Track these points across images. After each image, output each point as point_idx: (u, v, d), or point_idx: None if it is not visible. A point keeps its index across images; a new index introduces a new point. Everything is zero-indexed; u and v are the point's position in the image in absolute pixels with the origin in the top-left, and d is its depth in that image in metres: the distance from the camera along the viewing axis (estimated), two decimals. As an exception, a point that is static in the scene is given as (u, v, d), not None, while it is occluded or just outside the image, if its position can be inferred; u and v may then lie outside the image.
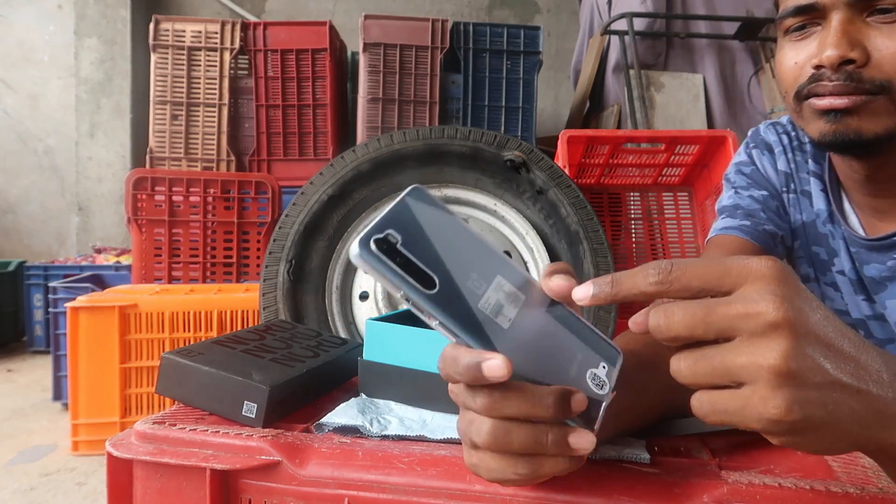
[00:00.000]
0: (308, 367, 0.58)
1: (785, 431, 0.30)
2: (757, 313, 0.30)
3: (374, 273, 0.31)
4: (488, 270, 0.33)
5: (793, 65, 0.63)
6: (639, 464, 0.43)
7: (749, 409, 0.30)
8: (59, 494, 1.48)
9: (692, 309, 0.31)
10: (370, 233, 0.31)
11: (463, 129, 1.33)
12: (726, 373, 0.30)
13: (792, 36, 0.63)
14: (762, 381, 0.29)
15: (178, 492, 0.45)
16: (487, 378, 0.32)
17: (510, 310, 0.34)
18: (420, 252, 0.31)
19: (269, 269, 1.24)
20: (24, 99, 3.74)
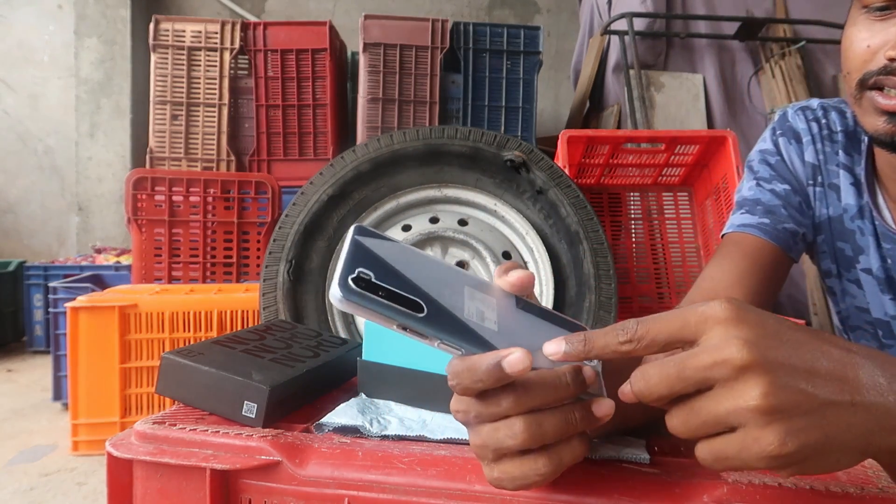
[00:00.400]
0: (308, 367, 0.58)
1: (788, 464, 0.31)
2: (724, 360, 0.30)
3: (363, 311, 0.31)
4: (455, 284, 0.34)
5: (865, 47, 0.57)
6: (639, 464, 0.43)
7: (746, 451, 0.30)
8: (58, 494, 1.48)
9: (665, 369, 0.32)
10: (344, 275, 0.31)
11: (463, 129, 1.33)
12: (716, 422, 0.31)
13: (872, 14, 0.57)
14: (751, 423, 0.30)
15: (178, 492, 0.45)
16: (510, 374, 0.32)
17: (490, 313, 0.35)
18: (395, 282, 0.32)
19: (269, 269, 1.24)
20: (24, 99, 3.74)
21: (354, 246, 0.32)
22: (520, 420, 0.34)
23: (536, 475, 0.35)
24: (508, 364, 0.32)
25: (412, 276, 0.33)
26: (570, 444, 0.35)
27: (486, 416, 0.35)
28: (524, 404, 0.34)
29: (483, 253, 1.31)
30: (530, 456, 0.35)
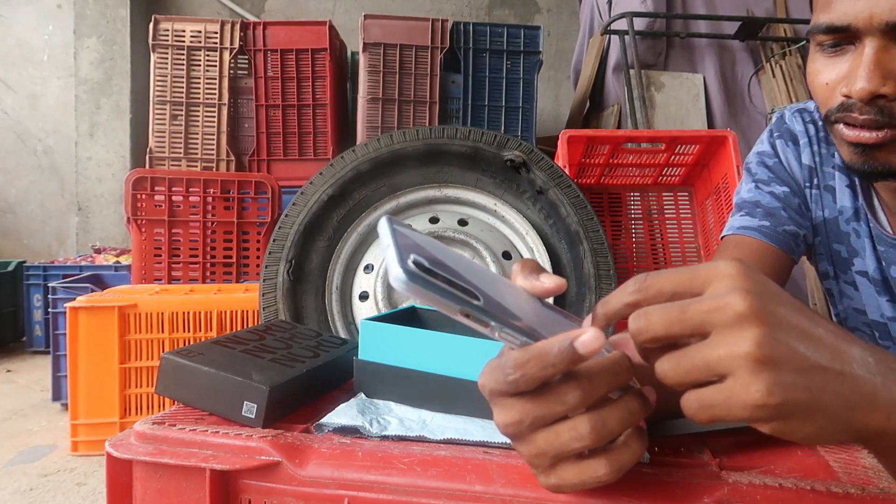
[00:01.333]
0: (308, 367, 0.58)
1: (771, 416, 0.31)
2: (726, 305, 0.31)
3: (428, 295, 0.30)
4: (490, 278, 0.34)
5: (824, 84, 0.60)
6: (639, 464, 0.43)
7: (733, 398, 0.31)
8: (58, 495, 1.48)
9: (667, 309, 0.32)
10: (402, 259, 0.29)
11: (463, 129, 1.33)
12: (707, 367, 0.31)
13: (825, 51, 0.59)
14: (741, 370, 0.30)
15: (177, 492, 0.45)
16: (585, 354, 0.32)
17: (526, 307, 0.34)
18: (446, 270, 0.31)
19: (268, 269, 1.24)
20: (23, 99, 3.74)
21: (396, 234, 0.31)
22: (585, 419, 0.34)
23: (597, 478, 0.35)
24: (582, 344, 0.32)
25: (456, 267, 0.32)
26: (628, 442, 0.36)
27: (547, 417, 0.34)
28: (591, 395, 0.33)
29: (483, 253, 1.31)
30: (591, 459, 0.35)
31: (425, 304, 0.30)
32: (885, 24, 0.53)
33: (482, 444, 0.46)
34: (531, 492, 0.40)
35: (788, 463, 0.44)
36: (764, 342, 0.30)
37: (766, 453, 0.46)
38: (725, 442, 0.48)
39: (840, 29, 0.56)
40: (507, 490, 0.41)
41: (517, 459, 0.43)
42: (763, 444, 0.48)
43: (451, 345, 0.53)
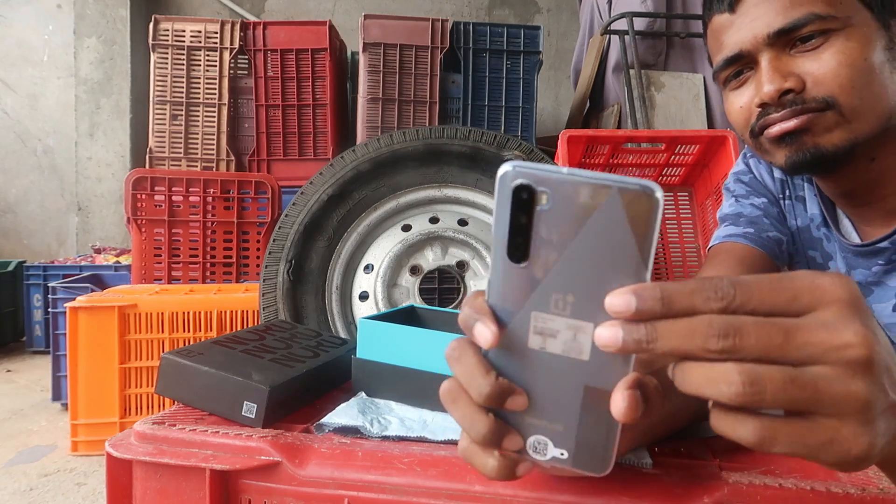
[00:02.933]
0: (308, 367, 0.58)
1: (862, 466, 0.29)
2: (844, 345, 0.28)
3: (498, 204, 0.29)
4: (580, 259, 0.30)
5: (738, 109, 0.66)
6: (639, 464, 0.43)
7: (836, 444, 0.28)
8: (58, 495, 1.47)
9: (768, 330, 0.28)
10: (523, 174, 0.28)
11: (463, 129, 1.33)
12: (816, 398, 0.28)
13: (731, 85, 0.67)
14: (854, 417, 0.28)
15: (177, 492, 0.45)
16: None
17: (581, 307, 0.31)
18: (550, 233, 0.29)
19: (268, 269, 1.24)
20: (23, 99, 3.74)
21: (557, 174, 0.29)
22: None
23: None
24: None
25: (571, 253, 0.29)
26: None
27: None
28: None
29: (483, 253, 1.31)
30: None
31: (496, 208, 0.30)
32: (767, 36, 0.60)
33: (482, 444, 0.46)
34: (531, 492, 0.40)
35: (788, 463, 0.44)
36: (876, 391, 0.28)
37: (766, 454, 0.46)
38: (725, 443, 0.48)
39: (735, 58, 0.64)
40: (507, 490, 0.41)
41: (517, 459, 0.43)
42: (763, 444, 0.48)
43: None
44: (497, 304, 0.31)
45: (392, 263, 1.29)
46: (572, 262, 0.29)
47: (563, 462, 0.32)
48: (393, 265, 1.30)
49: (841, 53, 0.58)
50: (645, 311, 0.28)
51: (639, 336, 0.28)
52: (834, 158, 0.62)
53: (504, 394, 0.31)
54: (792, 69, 0.60)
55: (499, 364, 0.32)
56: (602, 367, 0.30)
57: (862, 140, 0.61)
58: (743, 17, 0.62)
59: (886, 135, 0.63)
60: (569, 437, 0.31)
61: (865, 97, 0.59)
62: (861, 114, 0.60)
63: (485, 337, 0.31)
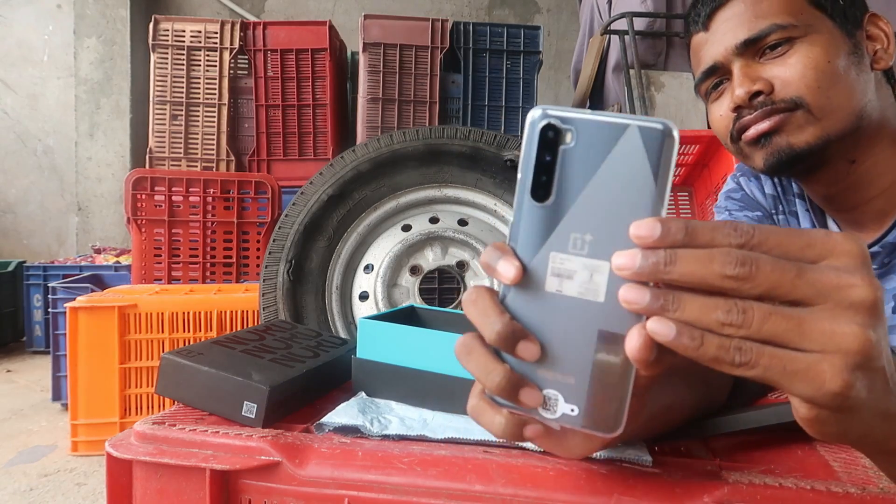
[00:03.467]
0: (308, 367, 0.58)
1: (833, 406, 0.30)
2: (850, 285, 0.29)
3: (525, 145, 0.31)
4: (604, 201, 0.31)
5: (718, 117, 0.71)
6: (639, 463, 0.43)
7: (813, 375, 0.29)
8: (58, 495, 1.48)
9: (781, 265, 0.29)
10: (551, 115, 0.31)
11: (463, 129, 1.33)
12: (801, 333, 0.29)
13: (712, 97, 0.72)
14: (839, 354, 0.29)
15: (177, 492, 0.45)
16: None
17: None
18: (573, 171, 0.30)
19: (268, 269, 1.24)
20: (23, 99, 3.74)
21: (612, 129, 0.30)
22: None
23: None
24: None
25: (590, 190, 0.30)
26: None
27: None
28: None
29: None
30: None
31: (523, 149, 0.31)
32: (736, 46, 0.66)
33: (483, 443, 0.46)
34: (531, 491, 0.40)
35: (788, 462, 0.44)
36: (871, 336, 0.29)
37: (766, 453, 0.46)
38: (726, 442, 0.48)
39: (711, 70, 0.70)
40: (507, 489, 0.41)
41: (517, 459, 0.43)
42: (763, 444, 0.48)
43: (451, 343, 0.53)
44: (517, 247, 0.32)
45: (392, 263, 1.30)
46: (592, 200, 0.30)
47: (573, 420, 0.32)
48: (393, 265, 1.30)
49: (806, 57, 0.64)
50: (668, 238, 0.29)
51: (657, 259, 0.29)
52: (808, 156, 0.65)
53: (516, 336, 0.32)
54: (761, 74, 0.66)
55: (514, 310, 0.32)
56: (617, 309, 0.30)
57: (835, 138, 0.64)
58: (714, 33, 0.69)
59: (862, 136, 0.66)
60: (580, 390, 0.31)
61: (832, 96, 0.63)
62: (830, 112, 0.63)
63: (508, 272, 0.31)
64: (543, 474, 0.41)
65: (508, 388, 0.32)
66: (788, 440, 0.48)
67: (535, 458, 0.43)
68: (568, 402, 0.32)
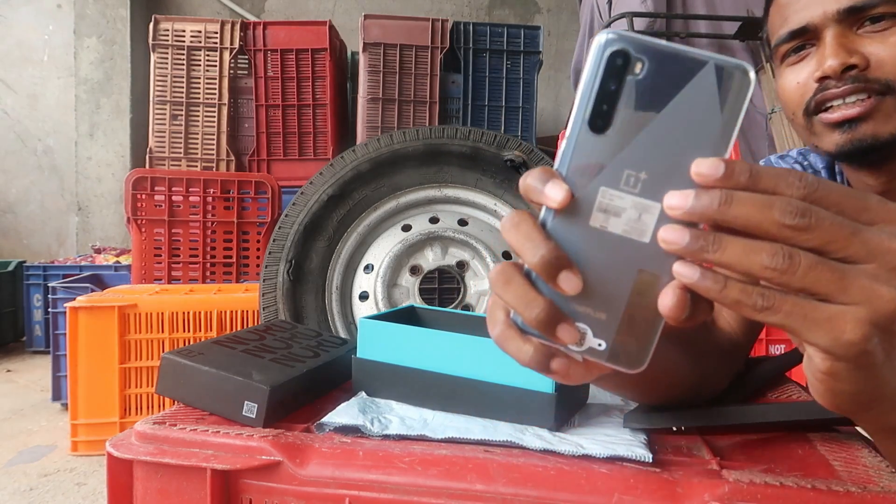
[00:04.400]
0: (308, 367, 0.58)
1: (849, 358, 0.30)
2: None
3: (589, 69, 0.29)
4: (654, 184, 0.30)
5: (795, 84, 0.64)
6: (640, 462, 0.43)
7: (834, 324, 0.29)
8: (58, 495, 1.47)
9: (841, 221, 0.29)
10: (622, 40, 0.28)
11: (463, 129, 1.33)
12: (842, 288, 0.29)
13: (790, 60, 0.65)
14: (866, 308, 0.29)
15: (178, 492, 0.45)
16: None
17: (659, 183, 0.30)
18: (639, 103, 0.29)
19: (269, 269, 1.24)
20: (23, 99, 3.74)
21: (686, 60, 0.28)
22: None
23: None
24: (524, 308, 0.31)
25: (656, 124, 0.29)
26: None
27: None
28: None
29: (483, 253, 1.31)
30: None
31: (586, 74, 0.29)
32: (837, 12, 0.60)
33: (483, 442, 0.46)
34: (532, 490, 0.40)
35: (789, 461, 0.44)
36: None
37: (767, 452, 0.46)
38: (726, 441, 0.48)
39: (800, 31, 0.63)
40: (507, 489, 0.41)
41: (518, 458, 0.43)
42: (764, 444, 0.48)
43: (451, 343, 0.53)
44: (568, 174, 0.30)
45: (392, 263, 1.30)
46: (654, 137, 0.29)
47: (598, 355, 0.31)
48: (393, 265, 1.30)
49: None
50: (731, 179, 0.29)
51: (713, 199, 0.28)
52: (886, 148, 0.61)
53: (560, 264, 0.30)
54: (857, 47, 0.60)
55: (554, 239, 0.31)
56: (660, 252, 0.29)
57: None
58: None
59: None
60: (610, 327, 0.31)
61: None
62: None
63: (556, 195, 0.30)
64: (544, 473, 0.41)
65: (546, 322, 0.31)
66: (789, 440, 0.48)
67: (535, 457, 0.43)
68: (596, 337, 0.31)
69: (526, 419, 0.50)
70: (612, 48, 0.29)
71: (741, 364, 0.66)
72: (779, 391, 0.63)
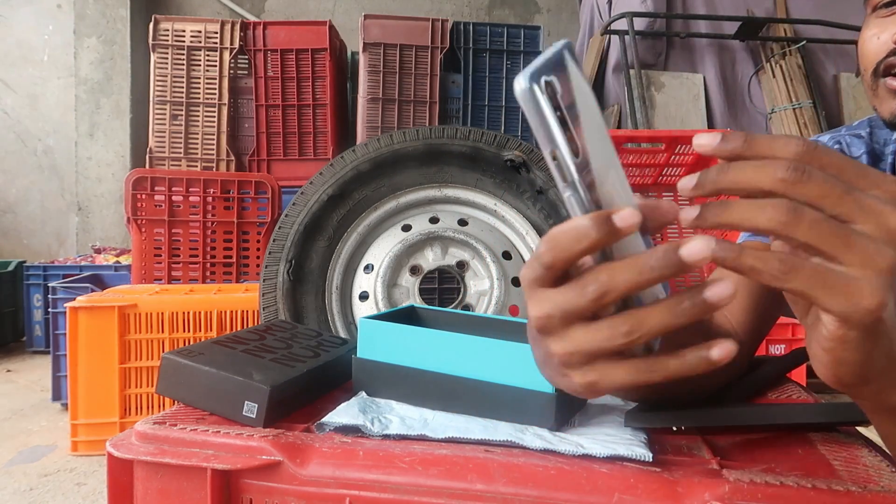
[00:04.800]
0: (308, 367, 0.58)
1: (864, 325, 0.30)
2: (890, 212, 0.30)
3: (535, 116, 0.29)
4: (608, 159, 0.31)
5: (875, 40, 0.62)
6: (641, 462, 0.43)
7: (853, 290, 0.29)
8: (58, 495, 1.47)
9: (832, 180, 0.30)
10: (537, 72, 0.29)
11: (463, 128, 1.33)
12: (847, 245, 0.29)
13: (879, 13, 0.62)
14: (878, 272, 0.29)
15: (179, 492, 0.45)
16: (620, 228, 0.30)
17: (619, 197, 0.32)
18: (570, 113, 0.30)
19: (268, 269, 1.24)
20: (23, 99, 3.74)
21: (558, 57, 0.30)
22: (620, 318, 0.31)
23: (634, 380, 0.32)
24: (620, 218, 0.30)
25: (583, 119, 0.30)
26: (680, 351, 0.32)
27: (580, 310, 0.31)
28: (626, 285, 0.31)
29: (483, 253, 1.31)
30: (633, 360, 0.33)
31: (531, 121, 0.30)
32: None
33: (483, 442, 0.46)
34: (532, 490, 0.40)
35: (789, 461, 0.44)
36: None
37: (767, 452, 0.46)
38: (726, 440, 0.48)
39: None
40: (508, 489, 0.41)
41: (518, 458, 0.43)
42: (764, 443, 0.48)
43: (451, 343, 0.53)
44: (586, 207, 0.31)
45: (392, 263, 1.30)
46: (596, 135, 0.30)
47: None
48: (393, 265, 1.30)
49: None
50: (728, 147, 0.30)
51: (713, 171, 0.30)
52: None
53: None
54: None
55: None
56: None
57: None
58: None
59: None
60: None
61: None
62: None
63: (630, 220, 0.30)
64: (544, 473, 0.41)
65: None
66: (789, 439, 0.48)
67: (536, 457, 0.43)
68: None
69: (526, 419, 0.50)
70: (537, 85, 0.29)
71: (744, 364, 0.66)
72: (779, 391, 0.63)
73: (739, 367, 0.64)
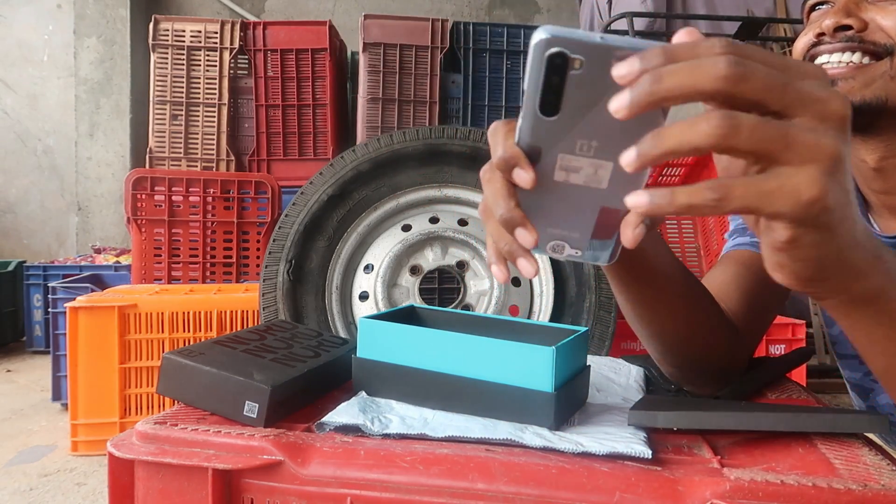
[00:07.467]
0: (309, 366, 0.58)
1: (811, 219, 0.31)
2: (827, 98, 0.30)
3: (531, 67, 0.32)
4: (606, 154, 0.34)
5: (804, 38, 0.67)
6: (641, 460, 0.43)
7: (790, 188, 0.30)
8: (58, 495, 1.48)
9: (773, 73, 0.30)
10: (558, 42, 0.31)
11: (463, 129, 1.33)
12: (788, 145, 0.29)
13: (811, 17, 0.68)
14: (815, 163, 0.30)
15: (179, 492, 0.45)
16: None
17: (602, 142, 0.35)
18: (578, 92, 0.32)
19: (269, 269, 1.24)
20: (23, 99, 3.74)
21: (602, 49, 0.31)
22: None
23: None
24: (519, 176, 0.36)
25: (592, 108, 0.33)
26: None
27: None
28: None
29: (483, 253, 1.31)
30: None
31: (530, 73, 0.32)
32: None
33: (484, 441, 0.47)
34: (533, 489, 0.41)
35: (789, 460, 0.44)
36: (843, 151, 0.30)
37: (768, 450, 0.46)
38: (727, 439, 0.49)
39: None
40: (509, 488, 0.41)
41: (519, 457, 0.43)
42: (764, 442, 0.48)
43: (451, 343, 0.53)
44: (526, 147, 0.35)
45: (392, 263, 1.30)
46: (600, 116, 0.32)
47: (577, 258, 0.40)
48: (393, 265, 1.30)
49: None
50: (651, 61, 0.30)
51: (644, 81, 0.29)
52: (872, 111, 0.61)
53: (516, 222, 0.37)
54: (861, 13, 0.61)
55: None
56: (617, 192, 0.35)
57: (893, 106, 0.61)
58: None
59: None
60: (583, 241, 0.39)
61: None
62: None
63: (524, 180, 0.35)
64: (545, 472, 0.41)
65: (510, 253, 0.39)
66: (789, 438, 0.48)
67: (537, 455, 0.43)
68: (572, 248, 0.39)
69: (526, 418, 0.50)
70: (550, 52, 0.31)
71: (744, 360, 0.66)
72: (779, 391, 0.63)
73: (740, 364, 0.65)
